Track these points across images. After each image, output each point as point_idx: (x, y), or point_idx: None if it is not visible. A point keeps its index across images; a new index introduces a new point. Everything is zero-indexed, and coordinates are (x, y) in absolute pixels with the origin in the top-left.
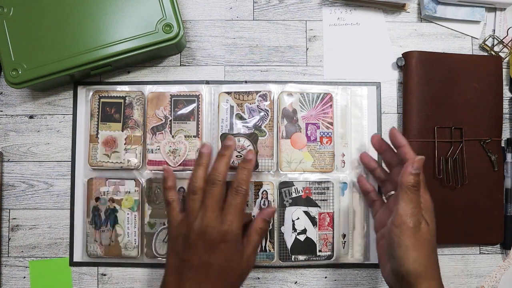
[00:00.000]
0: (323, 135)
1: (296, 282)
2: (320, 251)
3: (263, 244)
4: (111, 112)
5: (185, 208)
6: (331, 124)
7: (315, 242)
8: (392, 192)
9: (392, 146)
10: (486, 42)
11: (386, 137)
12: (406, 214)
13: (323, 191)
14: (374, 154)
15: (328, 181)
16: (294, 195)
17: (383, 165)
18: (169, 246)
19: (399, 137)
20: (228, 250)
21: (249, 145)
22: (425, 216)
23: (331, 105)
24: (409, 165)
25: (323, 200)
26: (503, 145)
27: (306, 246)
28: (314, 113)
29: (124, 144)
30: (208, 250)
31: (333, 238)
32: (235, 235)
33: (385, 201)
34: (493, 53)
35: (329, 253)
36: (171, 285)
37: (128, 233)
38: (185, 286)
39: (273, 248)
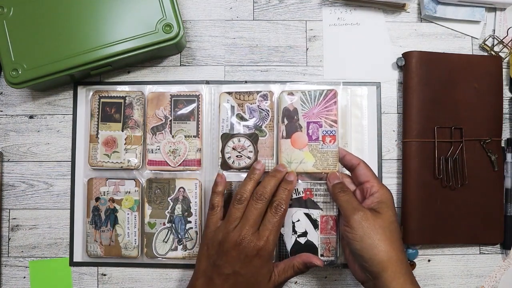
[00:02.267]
0: (326, 134)
1: (296, 282)
2: (322, 255)
3: None
4: (111, 112)
5: (227, 215)
6: (335, 122)
7: (317, 245)
8: None
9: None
10: (486, 42)
11: (385, 138)
12: (348, 212)
13: (325, 192)
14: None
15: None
16: (294, 196)
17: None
18: (202, 249)
19: (353, 160)
20: (259, 266)
21: (250, 145)
22: (381, 207)
23: (335, 102)
24: (328, 178)
25: (326, 202)
26: (503, 145)
27: (306, 250)
28: (316, 111)
29: (124, 144)
30: (241, 262)
31: (336, 243)
32: (269, 253)
33: None
34: (493, 53)
35: (332, 258)
36: (197, 286)
37: (128, 233)
38: None
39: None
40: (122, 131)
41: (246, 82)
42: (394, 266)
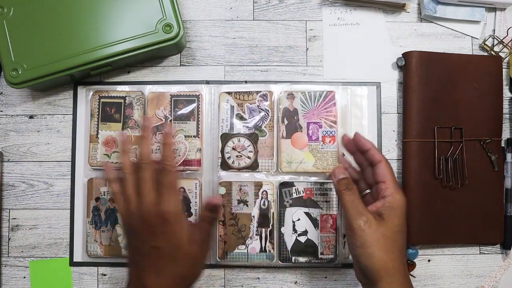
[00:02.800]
0: (326, 134)
1: (296, 282)
2: (322, 253)
3: (263, 244)
4: (111, 112)
5: (124, 197)
6: (335, 122)
7: (317, 244)
8: (368, 191)
9: (350, 154)
10: (486, 42)
11: (385, 138)
12: (351, 215)
13: (325, 192)
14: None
15: (330, 182)
16: (294, 195)
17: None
18: (125, 238)
19: (363, 142)
20: (171, 230)
21: (249, 145)
22: (388, 213)
23: (334, 103)
24: (334, 173)
25: (326, 201)
26: (503, 145)
27: (307, 248)
28: (316, 112)
29: None
30: (152, 235)
31: (336, 241)
32: (175, 214)
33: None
34: (493, 53)
35: (331, 256)
36: (132, 276)
37: None
38: (144, 274)
39: (273, 248)
40: (122, 131)
41: (246, 82)
42: (389, 277)
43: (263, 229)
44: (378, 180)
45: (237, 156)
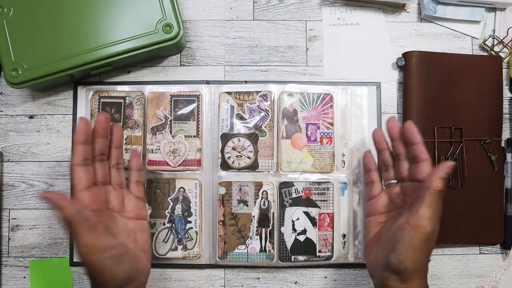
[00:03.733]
0: (323, 136)
1: (296, 282)
2: (319, 251)
3: (263, 244)
4: (111, 112)
5: None
6: (331, 124)
7: (315, 242)
8: (393, 181)
9: (390, 140)
10: (486, 42)
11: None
12: (425, 217)
13: (323, 191)
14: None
15: (328, 182)
16: (294, 195)
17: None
18: None
19: (415, 135)
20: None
21: (250, 145)
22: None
23: (331, 106)
24: (440, 169)
25: (323, 200)
26: (503, 145)
27: (305, 247)
28: (315, 113)
29: (124, 144)
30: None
31: (333, 238)
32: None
33: (383, 187)
34: (493, 53)
35: (328, 253)
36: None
37: None
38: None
39: (273, 248)
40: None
41: (246, 82)
42: (419, 279)
43: (263, 229)
44: (419, 178)
45: (237, 156)
